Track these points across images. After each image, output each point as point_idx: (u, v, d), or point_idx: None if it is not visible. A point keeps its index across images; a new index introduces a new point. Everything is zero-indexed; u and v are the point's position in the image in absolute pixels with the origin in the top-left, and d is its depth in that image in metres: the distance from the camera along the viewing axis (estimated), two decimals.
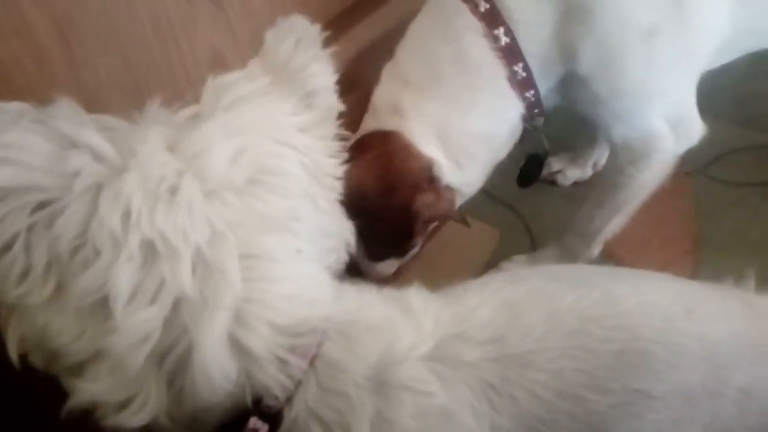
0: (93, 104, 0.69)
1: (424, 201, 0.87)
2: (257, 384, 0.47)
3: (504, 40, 0.82)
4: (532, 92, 0.86)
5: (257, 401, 0.47)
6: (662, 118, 0.87)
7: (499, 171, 0.97)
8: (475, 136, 0.88)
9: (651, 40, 0.80)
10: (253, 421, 0.48)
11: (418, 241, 0.99)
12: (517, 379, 0.53)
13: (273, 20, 0.86)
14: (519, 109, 0.88)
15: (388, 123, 0.87)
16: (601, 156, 1.26)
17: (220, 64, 0.83)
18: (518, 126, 0.90)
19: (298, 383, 0.48)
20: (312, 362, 0.49)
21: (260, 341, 0.46)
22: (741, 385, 0.56)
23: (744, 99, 1.33)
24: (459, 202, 0.96)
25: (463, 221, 1.25)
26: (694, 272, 1.11)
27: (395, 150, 0.85)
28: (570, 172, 1.30)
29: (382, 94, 0.90)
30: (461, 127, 0.87)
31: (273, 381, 0.47)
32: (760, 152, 1.28)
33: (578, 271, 0.73)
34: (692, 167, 1.24)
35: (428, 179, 0.87)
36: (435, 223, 1.01)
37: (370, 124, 0.90)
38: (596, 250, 1.05)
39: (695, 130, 0.89)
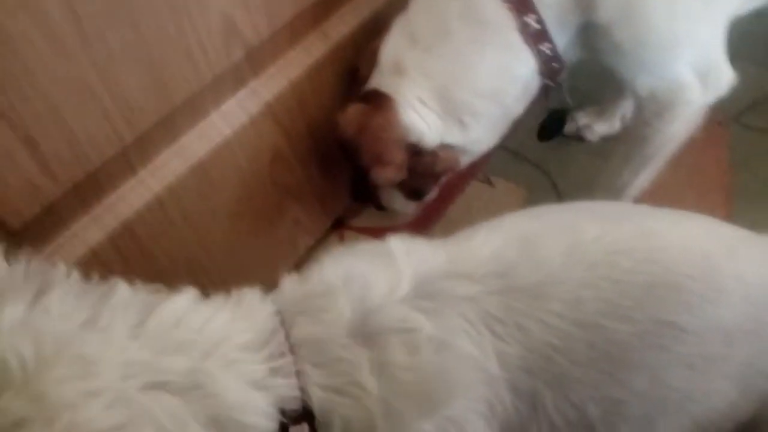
0: (108, 81, 0.70)
1: (381, 173, 0.88)
2: (271, 403, 0.50)
3: None
4: (548, 45, 0.83)
5: (283, 413, 0.50)
6: (689, 66, 0.84)
7: (524, 128, 0.95)
8: (483, 94, 0.86)
9: None
10: (294, 429, 0.51)
11: (432, 191, 0.99)
12: (525, 309, 0.54)
13: None
14: (532, 63, 0.85)
15: (387, 82, 0.87)
16: (628, 109, 1.22)
17: (233, 31, 0.81)
18: (534, 81, 0.87)
19: (299, 374, 0.51)
20: (293, 351, 0.52)
21: (245, 375, 0.49)
22: None
23: None
24: (468, 159, 0.95)
25: (488, 181, 1.23)
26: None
27: (376, 115, 0.86)
28: (597, 127, 1.27)
29: (388, 50, 0.88)
30: (466, 85, 0.85)
31: (278, 390, 0.50)
32: None
33: (612, 207, 0.72)
34: (725, 116, 1.19)
35: (404, 149, 0.88)
36: (443, 177, 1.00)
37: (374, 80, 0.90)
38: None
39: (724, 78, 0.86)
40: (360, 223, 1.18)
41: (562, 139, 1.13)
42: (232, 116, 0.87)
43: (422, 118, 0.86)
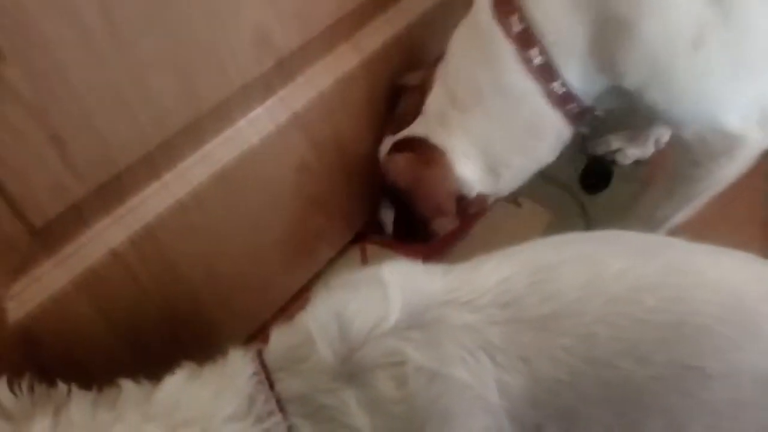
0: (139, 85, 0.70)
1: (442, 223, 0.97)
2: None
3: (538, 60, 0.83)
4: (574, 105, 0.87)
5: None
6: (738, 116, 0.81)
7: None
8: (516, 150, 0.93)
9: (699, 50, 0.75)
10: None
11: (451, 224, 1.01)
12: (530, 341, 0.53)
13: None
14: (559, 122, 0.89)
15: (436, 134, 0.93)
16: (663, 133, 1.19)
17: (264, 40, 0.81)
18: (563, 134, 0.92)
19: (291, 429, 0.53)
20: (282, 408, 0.54)
21: None
22: None
23: None
24: (496, 198, 1.01)
25: (515, 201, 1.21)
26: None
27: (433, 169, 0.92)
28: (630, 152, 1.24)
29: (434, 101, 0.94)
30: (503, 144, 0.92)
31: None
32: None
33: (641, 239, 0.69)
34: None
35: (455, 200, 0.95)
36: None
37: (420, 127, 0.94)
38: None
39: None
40: (382, 237, 1.17)
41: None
42: (259, 124, 0.87)
43: (470, 172, 0.93)
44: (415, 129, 0.95)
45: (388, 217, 1.05)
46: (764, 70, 0.79)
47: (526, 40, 0.82)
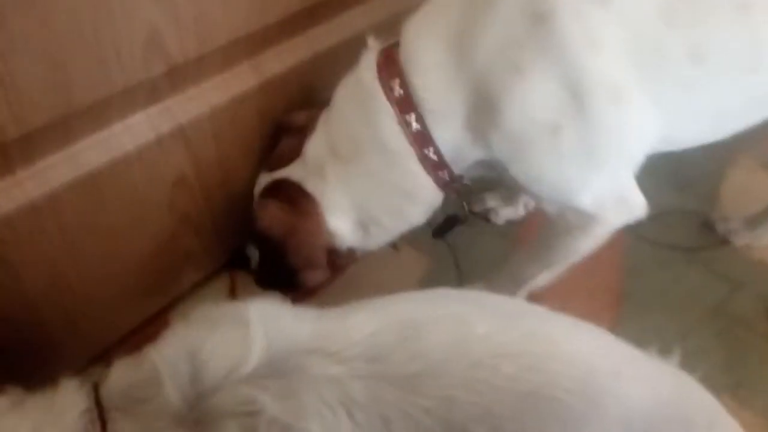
0: (2, 65, 0.62)
1: (313, 276, 0.97)
2: None
3: (415, 126, 0.85)
4: (447, 172, 0.90)
5: None
6: (591, 198, 0.86)
7: None
8: (389, 211, 0.94)
9: (556, 136, 0.81)
10: None
11: (320, 276, 1.01)
12: (392, 399, 0.51)
13: (222, 10, 0.81)
14: (431, 187, 0.92)
15: (312, 183, 0.92)
16: (530, 199, 1.25)
17: (157, 44, 0.76)
18: (434, 199, 0.95)
19: None
20: None
21: None
22: None
23: (681, 163, 1.36)
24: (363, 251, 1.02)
25: (394, 245, 1.21)
26: (613, 327, 1.11)
27: (306, 221, 0.92)
28: (503, 211, 1.30)
29: (313, 147, 0.93)
30: (375, 201, 0.93)
31: None
32: (690, 217, 1.30)
33: (508, 304, 0.71)
34: None
35: (325, 252, 0.95)
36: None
37: (297, 172, 0.93)
38: (522, 294, 1.04)
39: (637, 206, 0.89)
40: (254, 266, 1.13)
41: (471, 217, 1.16)
42: (138, 131, 0.81)
43: (343, 225, 0.93)
44: (292, 172, 0.93)
45: (254, 254, 1.02)
46: (612, 161, 0.85)
47: (406, 104, 0.85)
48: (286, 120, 0.99)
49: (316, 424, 0.49)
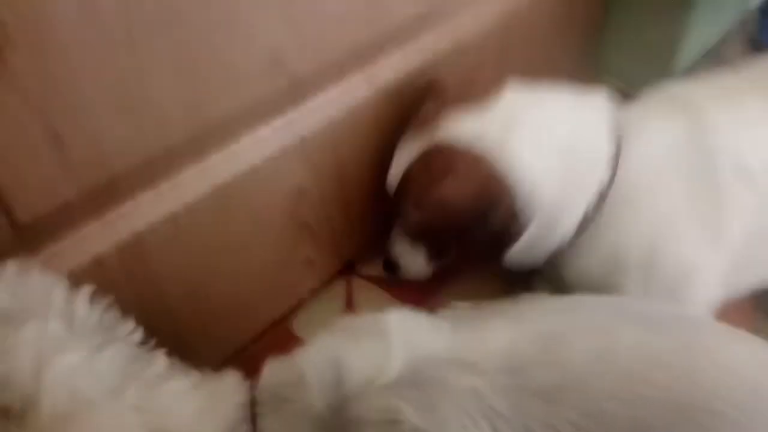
0: (146, 89, 0.68)
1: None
2: None
3: None
4: None
5: None
6: None
7: None
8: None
9: None
10: None
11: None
12: (536, 412, 0.50)
13: (338, 25, 0.84)
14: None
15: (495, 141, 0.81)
16: None
17: (280, 59, 0.80)
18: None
19: None
20: None
21: None
22: None
23: None
24: None
25: None
26: None
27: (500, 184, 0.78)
28: None
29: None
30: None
31: None
32: None
33: (656, 312, 0.67)
34: None
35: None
36: None
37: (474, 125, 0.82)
38: None
39: None
40: (370, 272, 1.15)
41: None
42: (264, 144, 0.85)
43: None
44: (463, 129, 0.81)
45: (407, 258, 0.94)
46: None
47: None
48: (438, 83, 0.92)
49: None
